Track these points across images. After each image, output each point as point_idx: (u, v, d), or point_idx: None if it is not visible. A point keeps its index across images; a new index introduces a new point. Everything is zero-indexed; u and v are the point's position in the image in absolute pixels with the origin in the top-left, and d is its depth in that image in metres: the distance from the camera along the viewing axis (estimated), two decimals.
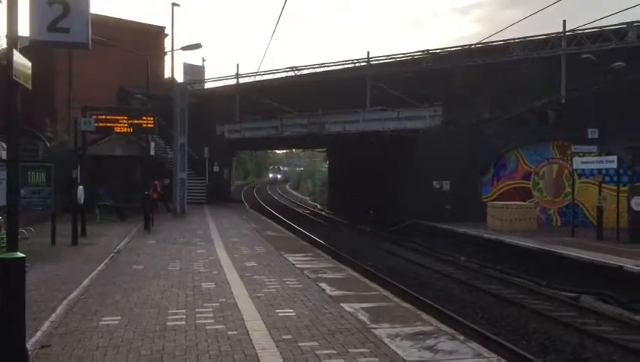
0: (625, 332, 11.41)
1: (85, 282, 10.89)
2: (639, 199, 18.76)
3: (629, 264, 14.70)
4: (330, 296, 9.83)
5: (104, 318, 8.26)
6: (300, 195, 70.46)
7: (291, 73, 33.68)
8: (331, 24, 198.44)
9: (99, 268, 12.57)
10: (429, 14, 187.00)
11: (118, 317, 8.30)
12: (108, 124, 21.47)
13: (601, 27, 24.49)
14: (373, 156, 33.08)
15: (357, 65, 32.02)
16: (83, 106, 19.76)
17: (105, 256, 14.14)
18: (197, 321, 8.10)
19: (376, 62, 31.51)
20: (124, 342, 7.10)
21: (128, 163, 27.99)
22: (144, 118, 22.10)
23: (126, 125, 21.76)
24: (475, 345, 7.30)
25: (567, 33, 25.72)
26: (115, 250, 15.30)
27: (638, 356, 9.90)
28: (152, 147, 23.57)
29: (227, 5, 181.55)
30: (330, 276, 11.85)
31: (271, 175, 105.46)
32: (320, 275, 11.86)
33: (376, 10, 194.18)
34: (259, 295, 9.84)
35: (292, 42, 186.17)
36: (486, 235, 21.41)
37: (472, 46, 28.77)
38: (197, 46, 28.05)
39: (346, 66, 32.54)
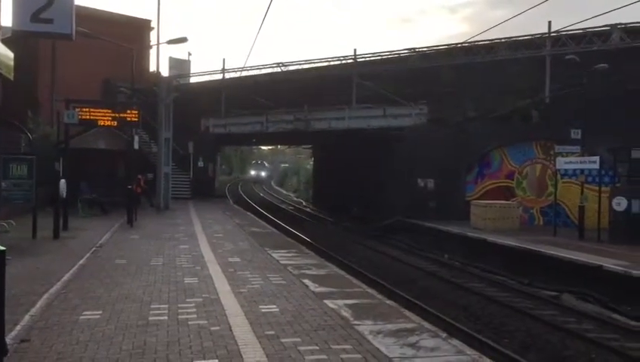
0: (604, 331, 11.56)
1: (66, 276, 10.78)
2: (620, 200, 18.97)
3: (609, 263, 14.87)
4: (313, 293, 9.82)
5: (85, 313, 8.17)
6: (284, 191, 70.37)
7: (278, 69, 33.62)
8: (319, 20, 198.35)
9: (80, 262, 12.44)
10: (418, 12, 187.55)
11: (100, 312, 8.22)
12: (91, 117, 21.23)
13: (585, 29, 24.73)
14: (358, 153, 33.14)
15: (343, 62, 32.03)
16: (66, 99, 19.55)
17: (87, 251, 14.01)
18: (179, 316, 8.04)
19: (363, 59, 31.54)
20: (105, 337, 7.03)
21: (112, 157, 27.74)
22: (128, 111, 21.90)
23: (110, 118, 21.56)
24: (456, 342, 7.33)
25: (551, 34, 25.93)
26: (98, 245, 15.16)
27: (616, 354, 10.03)
28: (136, 141, 23.38)
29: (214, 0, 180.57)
30: (314, 272, 11.85)
31: (253, 172, 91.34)
32: (304, 272, 11.85)
33: (365, 7, 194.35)
34: (242, 290, 9.80)
35: (279, 38, 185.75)
36: (469, 234, 21.54)
37: (458, 45, 28.90)
38: (183, 40, 27.82)
39: (332, 63, 32.55)
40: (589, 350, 10.29)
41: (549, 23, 26.14)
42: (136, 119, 21.74)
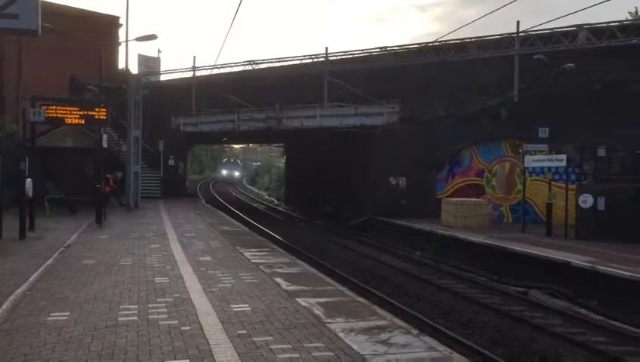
0: (571, 326, 11.79)
1: (33, 277, 10.56)
2: (586, 197, 19.37)
3: (575, 259, 15.17)
4: (285, 291, 9.81)
5: (52, 314, 8.03)
6: (256, 190, 70.12)
7: (249, 67, 33.43)
8: (291, 19, 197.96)
9: (47, 262, 12.21)
10: (390, 11, 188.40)
11: (67, 313, 8.08)
12: (58, 115, 20.94)
13: (552, 29, 25.16)
14: (330, 152, 33.20)
15: (315, 60, 32.02)
16: (32, 96, 19.18)
17: (54, 251, 13.74)
18: (150, 317, 7.96)
19: (335, 58, 31.57)
20: (74, 338, 6.92)
21: (80, 155, 27.29)
22: (96, 109, 21.65)
23: (77, 117, 21.28)
24: (427, 338, 7.40)
25: (520, 34, 26.33)
26: (65, 245, 14.89)
27: (583, 348, 10.24)
28: (105, 139, 23.04)
29: None
30: (286, 271, 11.83)
31: (224, 171, 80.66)
32: (275, 270, 11.83)
33: (337, 5, 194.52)
34: (213, 290, 9.74)
35: (251, 36, 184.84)
36: (440, 231, 21.76)
37: (429, 44, 29.15)
38: (152, 37, 27.47)
39: (304, 62, 32.51)
40: (556, 344, 10.49)
41: (518, 22, 26.56)
42: (104, 117, 21.49)
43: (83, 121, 21.52)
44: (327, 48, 31.44)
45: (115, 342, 6.78)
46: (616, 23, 24.86)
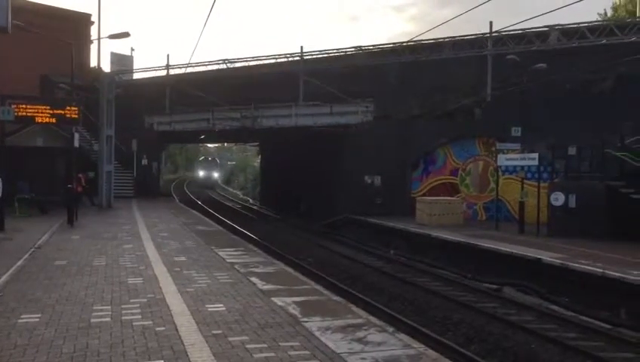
0: (543, 322, 11.98)
1: (3, 279, 10.38)
2: (558, 195, 19.68)
3: (546, 256, 15.39)
4: (261, 290, 9.78)
5: (23, 316, 7.88)
6: (231, 190, 69.76)
7: (224, 66, 33.20)
8: (266, 18, 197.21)
9: (18, 263, 11.99)
10: (365, 10, 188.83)
11: (39, 315, 7.95)
12: (28, 114, 20.53)
13: (524, 29, 25.47)
14: (305, 151, 33.16)
15: (290, 59, 31.94)
16: (1, 95, 18.78)
17: (25, 252, 13.50)
18: (123, 317, 7.86)
19: (310, 57, 31.52)
20: (45, 341, 6.80)
21: (51, 155, 26.87)
22: (68, 108, 21.28)
23: (48, 115, 20.90)
24: (403, 336, 7.46)
25: (493, 34, 26.60)
26: (36, 246, 14.64)
27: (554, 343, 10.41)
28: (77, 139, 22.65)
29: None
30: (262, 270, 11.80)
31: (202, 173, 70.55)
32: (251, 269, 11.79)
33: (313, 3, 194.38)
34: (188, 290, 9.66)
35: (225, 35, 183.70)
36: (414, 229, 21.90)
37: (404, 44, 29.29)
38: (125, 35, 27.12)
39: (279, 61, 32.39)
40: (529, 340, 10.65)
41: (491, 23, 26.81)
42: (76, 116, 21.16)
43: (54, 120, 21.14)
44: (302, 47, 31.35)
45: (88, 344, 6.69)
46: (587, 24, 25.27)
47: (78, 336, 6.99)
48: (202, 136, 34.10)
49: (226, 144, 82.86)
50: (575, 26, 25.03)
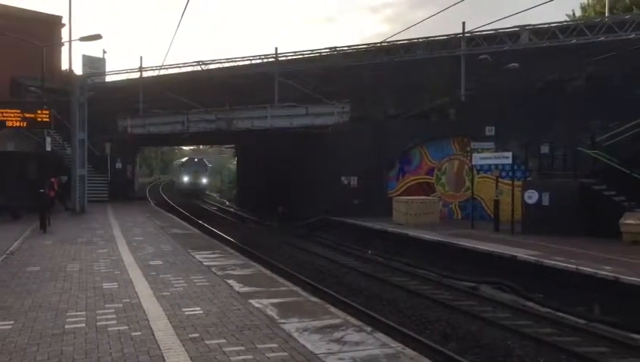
0: (518, 318, 12.11)
1: None
2: (532, 193, 19.94)
3: (521, 254, 15.58)
4: (238, 293, 9.72)
5: None
6: (207, 192, 69.27)
7: (198, 67, 32.97)
8: (240, 19, 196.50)
9: None
10: (340, 11, 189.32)
11: (11, 322, 7.79)
12: None
13: (496, 29, 25.79)
14: (282, 152, 33.10)
15: (265, 61, 31.85)
16: None
17: None
18: (98, 323, 7.75)
19: (285, 58, 31.48)
20: (18, 348, 6.67)
21: (22, 159, 26.41)
22: (39, 111, 21.00)
23: (19, 119, 20.61)
24: (380, 335, 7.47)
25: (465, 34, 26.87)
26: (8, 252, 14.35)
27: (530, 340, 10.53)
28: (48, 142, 22.39)
29: None
30: (239, 273, 11.73)
31: (186, 178, 57.46)
32: (228, 272, 11.71)
33: (287, 4, 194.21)
34: (164, 294, 9.56)
35: (198, 37, 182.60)
36: (391, 229, 21.99)
37: (379, 45, 29.42)
38: (97, 37, 26.76)
39: (254, 62, 32.28)
40: (506, 337, 10.76)
41: (463, 23, 27.05)
42: (47, 120, 20.89)
43: (25, 124, 20.85)
44: (276, 48, 31.33)
45: (62, 351, 6.57)
46: (557, 24, 25.67)
47: (52, 343, 6.86)
48: (183, 137, 33.71)
49: (201, 146, 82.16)
50: (546, 26, 25.41)
